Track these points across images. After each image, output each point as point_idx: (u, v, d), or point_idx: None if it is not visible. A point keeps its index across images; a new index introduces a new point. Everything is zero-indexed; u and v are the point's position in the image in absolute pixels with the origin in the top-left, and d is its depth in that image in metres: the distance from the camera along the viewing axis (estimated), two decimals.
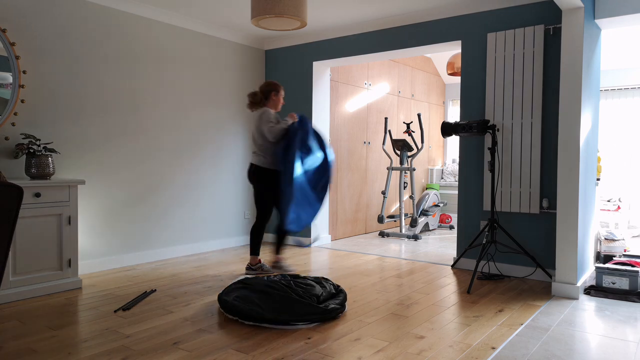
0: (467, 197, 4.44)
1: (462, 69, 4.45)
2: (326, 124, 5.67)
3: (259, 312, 2.88)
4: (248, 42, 5.56)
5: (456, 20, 4.49)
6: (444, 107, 8.30)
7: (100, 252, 4.27)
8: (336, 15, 4.76)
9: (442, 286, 3.83)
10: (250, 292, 3.11)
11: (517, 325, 2.93)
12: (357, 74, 6.25)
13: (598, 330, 2.87)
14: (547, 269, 4.03)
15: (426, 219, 6.65)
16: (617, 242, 4.55)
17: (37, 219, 3.44)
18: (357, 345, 2.60)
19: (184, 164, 4.94)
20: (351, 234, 6.26)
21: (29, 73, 3.75)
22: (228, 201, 5.41)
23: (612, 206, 5.61)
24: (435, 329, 2.85)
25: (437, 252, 5.27)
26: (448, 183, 7.71)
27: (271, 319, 2.84)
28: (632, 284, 3.58)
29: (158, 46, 4.67)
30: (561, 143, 3.57)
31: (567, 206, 3.55)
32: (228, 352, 2.49)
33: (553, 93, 3.98)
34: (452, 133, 4.16)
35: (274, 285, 3.15)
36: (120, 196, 4.40)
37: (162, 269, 4.33)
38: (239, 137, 5.52)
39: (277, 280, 3.31)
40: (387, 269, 4.44)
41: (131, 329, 2.82)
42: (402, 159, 6.38)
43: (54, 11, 3.91)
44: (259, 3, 3.02)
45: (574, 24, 3.48)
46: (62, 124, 3.97)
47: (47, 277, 3.50)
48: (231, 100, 5.42)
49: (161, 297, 3.48)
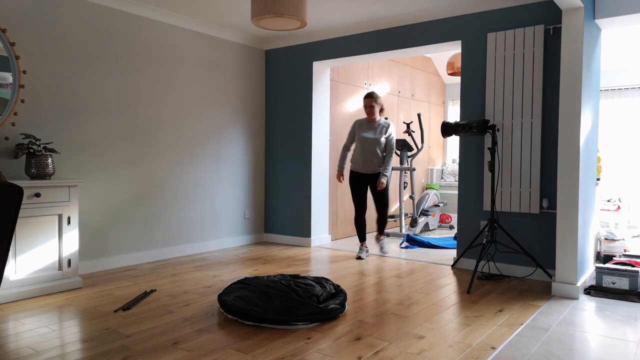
0: (467, 197, 4.44)
1: (462, 69, 4.45)
2: (326, 124, 5.67)
3: (260, 312, 2.88)
4: (248, 42, 5.56)
5: (456, 20, 4.49)
6: (444, 107, 8.30)
7: (100, 252, 4.27)
8: (336, 15, 4.76)
9: (442, 286, 3.83)
10: (250, 292, 3.11)
11: (517, 325, 2.93)
12: (357, 74, 6.25)
13: (598, 330, 2.87)
14: (547, 269, 4.02)
15: (426, 219, 6.65)
16: (617, 242, 4.55)
17: (37, 219, 3.44)
18: (357, 345, 2.60)
19: (184, 163, 4.94)
20: (351, 234, 6.25)
21: (29, 73, 3.75)
22: (228, 201, 5.41)
23: (612, 206, 5.61)
24: (435, 329, 2.85)
25: (437, 252, 5.26)
26: (448, 183, 7.71)
27: (272, 319, 2.83)
28: (632, 284, 3.58)
29: (158, 46, 4.67)
30: (561, 143, 3.57)
31: (567, 206, 3.55)
32: (228, 352, 2.49)
33: (553, 93, 3.99)
34: (452, 133, 4.16)
35: (274, 286, 3.15)
36: (120, 196, 4.40)
37: (162, 269, 4.33)
38: (239, 137, 5.52)
39: (277, 280, 3.30)
40: (387, 269, 4.44)
41: (131, 329, 2.82)
42: (402, 159, 6.38)
43: (54, 11, 3.91)
44: (259, 3, 3.02)
45: (574, 24, 3.48)
46: (62, 124, 3.97)
47: (47, 277, 3.50)
48: (231, 100, 5.42)
49: (161, 297, 3.48)
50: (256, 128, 5.75)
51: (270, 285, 3.15)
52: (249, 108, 5.65)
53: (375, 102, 4.76)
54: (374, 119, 4.81)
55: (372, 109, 4.77)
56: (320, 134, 5.57)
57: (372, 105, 4.76)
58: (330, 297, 3.21)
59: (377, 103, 4.78)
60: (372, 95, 4.77)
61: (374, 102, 4.75)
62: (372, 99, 4.76)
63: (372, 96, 4.77)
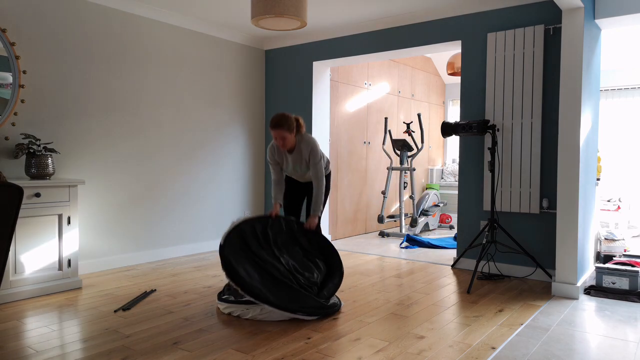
0: (467, 197, 4.44)
1: (462, 69, 4.45)
2: (326, 124, 5.67)
3: (265, 294, 2.94)
4: (248, 42, 5.56)
5: (456, 20, 4.49)
6: (444, 107, 8.30)
7: (100, 252, 4.27)
8: (336, 15, 4.76)
9: (442, 286, 3.83)
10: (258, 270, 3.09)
11: (517, 325, 2.93)
12: (357, 74, 6.25)
13: (598, 330, 2.87)
14: (547, 269, 4.02)
15: (426, 219, 6.65)
16: (617, 242, 4.55)
17: (37, 219, 3.44)
18: (357, 345, 2.60)
19: (184, 163, 4.94)
20: (351, 234, 6.26)
21: (29, 73, 3.75)
22: (228, 201, 5.41)
23: (612, 206, 5.61)
24: (435, 329, 2.85)
25: (437, 252, 5.26)
26: (448, 183, 7.71)
27: (275, 303, 2.92)
28: (632, 284, 3.58)
29: (158, 46, 4.67)
30: (561, 143, 3.57)
31: (567, 206, 3.55)
32: (228, 352, 2.49)
33: (553, 93, 3.98)
34: (452, 133, 4.16)
35: (278, 267, 3.14)
36: (120, 196, 4.40)
37: (162, 269, 4.32)
38: (239, 137, 5.52)
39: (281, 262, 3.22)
40: (387, 269, 4.44)
41: (131, 329, 2.82)
42: (402, 159, 6.38)
43: (54, 11, 3.91)
44: (259, 3, 3.02)
45: (574, 24, 3.48)
46: (62, 124, 3.97)
47: (47, 277, 3.50)
48: (231, 100, 5.42)
49: (161, 297, 3.48)
50: (256, 128, 5.75)
51: (276, 266, 3.14)
52: (249, 108, 5.65)
53: (287, 132, 3.41)
54: (290, 148, 3.54)
55: (284, 140, 3.44)
56: (320, 134, 5.56)
57: (284, 137, 3.42)
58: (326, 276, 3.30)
59: (290, 130, 3.43)
60: (280, 125, 3.38)
61: (285, 132, 3.40)
62: (281, 130, 3.39)
63: (280, 125, 3.38)
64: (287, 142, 3.47)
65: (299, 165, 3.59)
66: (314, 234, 3.54)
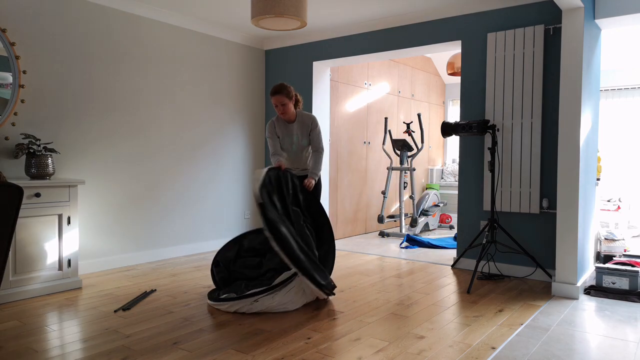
0: (467, 197, 4.44)
1: (462, 69, 4.45)
2: (326, 124, 5.67)
3: (302, 259, 3.03)
4: (248, 42, 5.56)
5: (456, 20, 4.49)
6: (444, 107, 8.30)
7: (100, 252, 4.27)
8: (336, 15, 4.76)
9: (442, 286, 3.83)
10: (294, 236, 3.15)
11: (517, 325, 2.93)
12: (357, 74, 6.25)
13: (598, 330, 2.87)
14: (547, 269, 4.02)
15: (426, 219, 6.65)
16: (617, 242, 4.55)
17: (37, 219, 3.44)
18: (357, 345, 2.60)
19: (184, 163, 4.94)
20: (351, 234, 6.26)
21: (29, 73, 3.75)
22: (228, 201, 5.41)
23: (612, 206, 5.61)
24: (435, 329, 2.85)
25: (437, 252, 5.26)
26: (448, 183, 7.71)
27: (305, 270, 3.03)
28: (632, 284, 3.58)
29: (158, 46, 4.67)
30: (561, 143, 3.57)
31: (567, 206, 3.55)
32: (228, 352, 2.49)
33: (553, 93, 3.99)
34: (452, 133, 4.16)
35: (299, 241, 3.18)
36: (120, 196, 4.40)
37: (162, 269, 4.32)
38: (239, 137, 5.52)
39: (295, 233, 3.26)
40: (387, 269, 4.44)
41: (131, 329, 2.82)
42: (402, 159, 6.38)
43: (54, 11, 3.91)
44: (259, 3, 3.02)
45: (574, 24, 3.48)
46: (62, 124, 3.97)
47: (47, 277, 3.50)
48: (231, 100, 5.42)
49: (161, 297, 3.48)
50: (256, 128, 5.75)
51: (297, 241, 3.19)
52: (249, 108, 5.65)
53: (287, 98, 3.56)
54: (290, 117, 3.69)
55: (284, 108, 3.59)
56: None
57: (284, 104, 3.57)
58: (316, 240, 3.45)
59: (290, 97, 3.59)
60: (279, 91, 3.54)
61: (285, 98, 3.56)
62: (281, 96, 3.54)
63: (279, 91, 3.54)
64: (287, 109, 3.61)
65: (299, 136, 3.70)
66: (310, 195, 3.66)
